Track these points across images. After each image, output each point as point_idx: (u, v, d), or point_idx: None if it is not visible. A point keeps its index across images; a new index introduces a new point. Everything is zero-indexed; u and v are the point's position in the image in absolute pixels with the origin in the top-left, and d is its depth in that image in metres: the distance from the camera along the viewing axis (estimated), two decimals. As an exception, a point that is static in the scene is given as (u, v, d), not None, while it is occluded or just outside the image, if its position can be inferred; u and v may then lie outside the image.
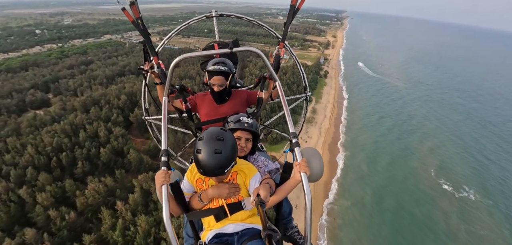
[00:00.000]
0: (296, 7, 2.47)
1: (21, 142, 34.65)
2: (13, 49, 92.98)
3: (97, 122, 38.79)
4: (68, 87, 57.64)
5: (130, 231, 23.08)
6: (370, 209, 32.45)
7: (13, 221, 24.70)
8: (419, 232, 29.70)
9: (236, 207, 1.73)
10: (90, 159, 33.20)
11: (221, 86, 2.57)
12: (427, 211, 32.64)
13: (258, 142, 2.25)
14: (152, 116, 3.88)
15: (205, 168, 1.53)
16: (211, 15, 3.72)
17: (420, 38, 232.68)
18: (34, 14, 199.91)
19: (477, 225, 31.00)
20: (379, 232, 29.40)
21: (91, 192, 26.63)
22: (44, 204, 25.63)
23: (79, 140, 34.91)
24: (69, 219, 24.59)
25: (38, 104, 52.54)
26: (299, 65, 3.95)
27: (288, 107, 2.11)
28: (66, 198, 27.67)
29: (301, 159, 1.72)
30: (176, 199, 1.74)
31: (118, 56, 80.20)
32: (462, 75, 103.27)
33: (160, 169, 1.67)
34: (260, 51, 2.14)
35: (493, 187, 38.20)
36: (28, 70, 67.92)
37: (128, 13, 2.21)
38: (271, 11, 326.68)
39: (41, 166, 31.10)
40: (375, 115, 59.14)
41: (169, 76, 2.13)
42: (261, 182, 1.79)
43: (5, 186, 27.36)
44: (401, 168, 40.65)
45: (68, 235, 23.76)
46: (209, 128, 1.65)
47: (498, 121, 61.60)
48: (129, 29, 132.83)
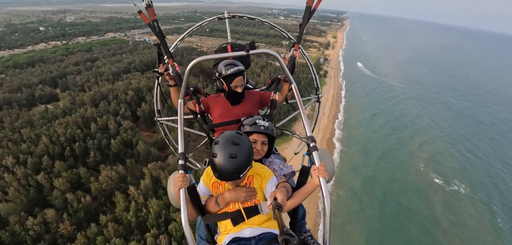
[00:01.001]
0: (312, 8, 2.43)
1: (35, 133, 36.68)
2: (18, 46, 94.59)
3: (107, 115, 40.85)
4: (76, 82, 59.56)
5: (142, 213, 25.21)
6: (360, 196, 35.12)
7: (33, 204, 26.76)
8: (405, 219, 32.26)
9: (253, 211, 1.74)
10: (101, 149, 35.27)
11: (242, 86, 2.62)
12: (413, 199, 35.28)
13: (273, 145, 2.25)
14: (164, 117, 3.83)
15: (221, 172, 1.54)
16: (224, 17, 3.70)
17: (419, 39, 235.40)
18: (37, 11, 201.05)
19: (459, 213, 33.48)
20: (368, 217, 31.86)
21: (105, 178, 28.73)
22: (61, 188, 27.72)
23: (91, 131, 36.98)
24: (84, 202, 26.69)
25: (47, 98, 54.39)
26: (311, 67, 3.92)
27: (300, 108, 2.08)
28: (80, 184, 29.76)
29: (319, 163, 1.69)
30: (193, 202, 1.76)
31: (122, 54, 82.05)
32: (458, 75, 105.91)
33: (178, 173, 1.68)
34: (276, 53, 2.14)
35: (477, 179, 40.87)
36: (34, 66, 69.62)
37: (144, 16, 2.25)
38: (272, 11, 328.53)
39: (56, 155, 33.15)
40: (369, 112, 61.88)
41: (185, 79, 2.11)
42: (277, 185, 1.79)
43: (23, 172, 29.42)
44: (391, 160, 43.54)
45: (85, 216, 25.86)
46: (225, 132, 1.66)
47: (488, 119, 64.36)
48: (132, 27, 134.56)
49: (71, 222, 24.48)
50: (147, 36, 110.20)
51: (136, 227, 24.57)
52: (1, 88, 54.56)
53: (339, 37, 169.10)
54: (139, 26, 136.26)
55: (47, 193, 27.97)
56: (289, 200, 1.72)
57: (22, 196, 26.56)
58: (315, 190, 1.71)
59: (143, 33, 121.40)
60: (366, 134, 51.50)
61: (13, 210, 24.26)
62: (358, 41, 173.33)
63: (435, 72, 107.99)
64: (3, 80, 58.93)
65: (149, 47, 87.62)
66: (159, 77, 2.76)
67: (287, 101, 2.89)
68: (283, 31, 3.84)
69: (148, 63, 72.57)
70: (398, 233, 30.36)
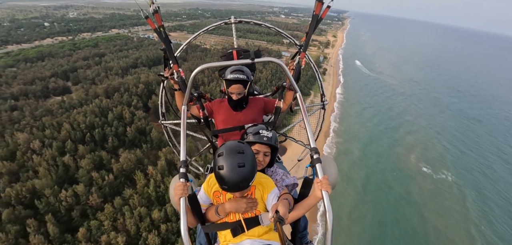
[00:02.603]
0: (319, 16, 2.39)
1: (56, 120, 39.79)
2: (25, 41, 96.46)
3: (121, 106, 44.00)
4: (86, 76, 62.41)
5: (161, 189, 28.55)
6: (351, 178, 39.51)
7: (61, 181, 29.99)
8: (393, 199, 36.47)
9: (253, 222, 1.71)
10: (118, 136, 38.48)
11: (239, 94, 2.61)
12: (402, 182, 39.93)
13: (276, 155, 2.22)
14: (168, 120, 3.88)
15: (230, 183, 1.52)
16: (230, 22, 3.73)
17: (418, 39, 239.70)
18: (39, 7, 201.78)
19: (442, 197, 37.40)
20: (359, 197, 36.19)
21: (125, 160, 32.00)
22: (86, 168, 30.98)
23: (108, 120, 40.14)
24: (108, 179, 29.98)
25: (60, 91, 57.13)
26: (317, 73, 3.91)
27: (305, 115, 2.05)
28: (102, 165, 33.00)
29: (322, 176, 1.64)
30: (193, 210, 1.74)
31: (128, 50, 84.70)
32: (450, 74, 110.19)
33: (178, 181, 1.67)
34: (282, 62, 2.09)
35: (457, 164, 45.82)
36: (44, 60, 72.19)
37: (151, 21, 2.24)
38: (273, 10, 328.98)
39: (77, 140, 36.34)
40: (362, 105, 66.79)
41: (189, 85, 2.11)
42: (279, 197, 1.77)
43: (51, 153, 32.61)
44: (379, 146, 49.03)
45: (109, 191, 29.18)
46: (227, 143, 1.65)
47: (474, 114, 69.10)
48: (136, 24, 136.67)
49: (98, 195, 27.79)
50: (151, 33, 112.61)
51: (156, 200, 27.96)
52: (16, 80, 57.36)
53: (339, 36, 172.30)
54: (142, 23, 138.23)
55: (73, 172, 31.23)
56: (291, 213, 1.70)
57: (52, 174, 29.80)
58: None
59: (147, 30, 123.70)
60: (360, 124, 56.43)
61: (46, 185, 27.51)
62: (358, 40, 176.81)
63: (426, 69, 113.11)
64: (16, 73, 61.66)
65: (154, 44, 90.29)
66: (164, 81, 2.87)
67: (291, 109, 2.81)
68: (290, 38, 3.87)
69: (154, 58, 75.41)
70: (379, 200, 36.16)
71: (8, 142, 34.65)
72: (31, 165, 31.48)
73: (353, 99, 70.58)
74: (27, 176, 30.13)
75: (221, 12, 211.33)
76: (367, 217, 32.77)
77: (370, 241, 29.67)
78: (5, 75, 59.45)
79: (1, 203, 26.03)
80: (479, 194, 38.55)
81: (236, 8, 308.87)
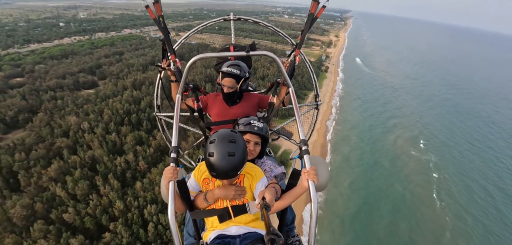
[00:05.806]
0: (315, 16, 2.50)
1: (97, 108, 46.69)
2: (45, 40, 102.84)
3: (150, 96, 50.81)
4: (111, 72, 69.17)
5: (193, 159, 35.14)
6: (347, 158, 46.23)
7: (112, 153, 36.83)
8: (384, 178, 43.26)
9: (240, 210, 1.76)
10: (150, 120, 45.28)
11: (231, 88, 2.69)
12: (390, 160, 46.90)
13: (266, 147, 2.29)
14: (163, 113, 3.90)
15: (219, 170, 1.56)
16: (229, 18, 3.79)
17: (418, 39, 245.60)
18: (48, 7, 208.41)
19: (427, 175, 44.44)
20: (352, 168, 43.21)
21: (161, 138, 38.75)
22: (131, 143, 37.84)
23: (140, 107, 47.00)
24: (149, 152, 36.82)
25: (89, 85, 63.87)
26: (312, 73, 3.92)
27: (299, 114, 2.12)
28: (142, 142, 39.85)
29: (309, 167, 1.71)
30: (182, 196, 1.77)
31: (144, 49, 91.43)
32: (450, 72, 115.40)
33: (169, 165, 1.69)
34: (276, 56, 2.14)
35: (443, 147, 52.62)
36: (68, 58, 78.83)
37: (151, 11, 2.27)
38: (276, 9, 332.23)
39: (118, 123, 43.20)
40: (360, 99, 73.92)
41: (184, 74, 2.17)
42: (267, 186, 1.82)
43: (99, 132, 39.50)
44: (371, 132, 56.50)
45: (151, 160, 36.01)
46: (219, 130, 1.69)
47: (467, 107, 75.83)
48: (146, 24, 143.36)
49: (145, 162, 34.66)
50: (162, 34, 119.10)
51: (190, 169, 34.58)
52: (48, 75, 64.20)
53: (341, 36, 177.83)
54: (151, 23, 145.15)
55: (119, 147, 38.10)
56: (277, 201, 1.77)
57: (104, 147, 36.67)
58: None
59: (157, 30, 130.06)
60: (357, 115, 63.76)
61: (103, 154, 34.42)
62: (359, 40, 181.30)
63: (424, 68, 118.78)
64: (46, 69, 68.47)
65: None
66: (161, 71, 3.03)
67: (284, 104, 2.86)
68: (285, 36, 3.94)
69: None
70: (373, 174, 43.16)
71: (61, 124, 41.56)
72: (84, 141, 38.35)
73: (353, 93, 77.69)
74: (82, 150, 36.98)
75: (226, 12, 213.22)
76: (363, 186, 39.77)
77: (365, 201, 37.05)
78: (37, 71, 66.34)
79: (69, 168, 32.92)
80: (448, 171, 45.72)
81: (240, 8, 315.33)
